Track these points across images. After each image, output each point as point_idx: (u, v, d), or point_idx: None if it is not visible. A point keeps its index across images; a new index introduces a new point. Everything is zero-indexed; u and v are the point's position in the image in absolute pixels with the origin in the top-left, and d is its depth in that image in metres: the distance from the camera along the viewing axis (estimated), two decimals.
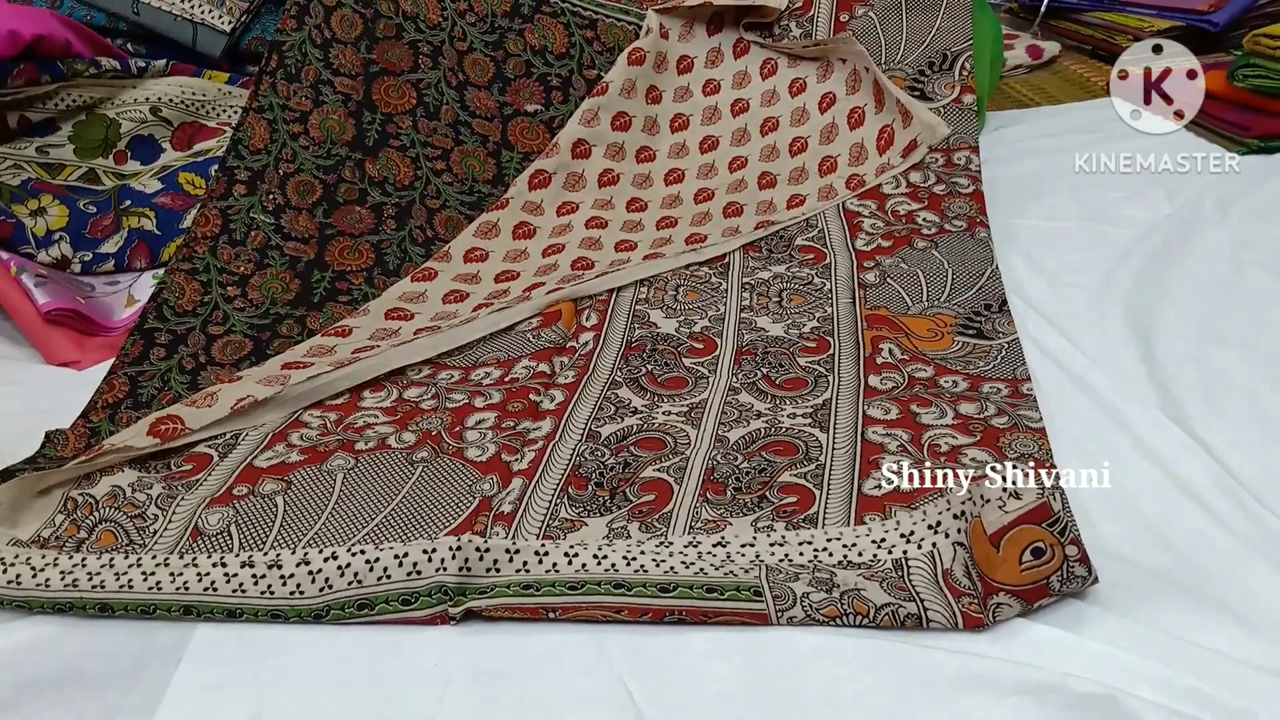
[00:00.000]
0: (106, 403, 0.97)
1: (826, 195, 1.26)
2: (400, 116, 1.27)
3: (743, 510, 0.79)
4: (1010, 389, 0.91)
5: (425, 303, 1.12)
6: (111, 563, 0.77)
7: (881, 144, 1.29)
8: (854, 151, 1.30)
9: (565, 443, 0.87)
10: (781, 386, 0.94)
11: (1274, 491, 0.80)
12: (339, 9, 1.26)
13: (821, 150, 1.33)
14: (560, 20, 1.36)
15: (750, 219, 1.25)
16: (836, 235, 1.18)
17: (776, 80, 1.40)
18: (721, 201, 1.30)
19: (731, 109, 1.40)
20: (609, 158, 1.33)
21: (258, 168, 1.17)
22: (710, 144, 1.38)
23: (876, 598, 0.69)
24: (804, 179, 1.30)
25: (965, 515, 0.72)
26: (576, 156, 1.31)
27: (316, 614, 0.73)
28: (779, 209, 1.26)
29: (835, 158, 1.31)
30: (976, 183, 1.23)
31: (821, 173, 1.31)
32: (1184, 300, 1.06)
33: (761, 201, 1.28)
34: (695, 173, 1.35)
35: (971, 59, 1.35)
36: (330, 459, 0.87)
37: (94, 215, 1.20)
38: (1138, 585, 0.71)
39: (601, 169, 1.32)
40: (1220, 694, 0.62)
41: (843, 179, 1.28)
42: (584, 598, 0.71)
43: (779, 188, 1.31)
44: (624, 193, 1.32)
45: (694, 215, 1.27)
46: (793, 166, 1.33)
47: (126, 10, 1.47)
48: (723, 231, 1.22)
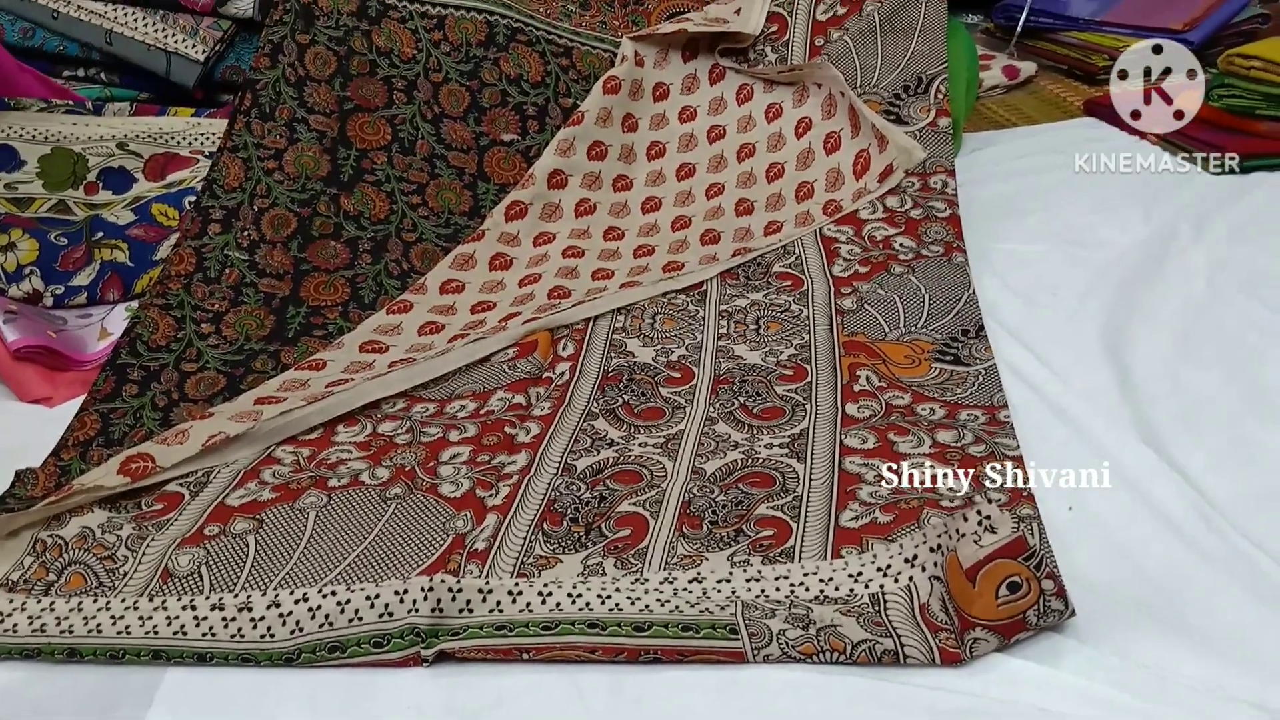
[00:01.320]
0: (78, 440, 0.95)
1: (803, 222, 1.26)
2: (375, 152, 1.26)
3: (719, 545, 0.78)
4: (987, 416, 0.91)
5: (400, 335, 1.11)
6: (80, 606, 0.76)
7: (858, 169, 1.29)
8: (830, 177, 1.30)
9: (540, 477, 0.87)
10: (759, 416, 0.94)
11: (1250, 518, 0.80)
12: (313, 46, 1.26)
13: (798, 176, 1.33)
14: (535, 49, 1.36)
15: (728, 246, 1.25)
16: (814, 261, 1.18)
17: (753, 105, 1.40)
18: (699, 229, 1.29)
19: (708, 135, 1.40)
20: (585, 187, 1.33)
21: (232, 205, 1.16)
22: (687, 171, 1.38)
23: (853, 634, 0.68)
24: (781, 205, 1.30)
25: (942, 549, 0.72)
26: (553, 187, 1.31)
27: (288, 657, 0.72)
28: (756, 235, 1.26)
29: (812, 183, 1.31)
30: (953, 206, 1.23)
31: (798, 199, 1.31)
32: (1160, 322, 1.06)
33: (739, 229, 1.28)
34: (673, 200, 1.35)
35: (946, 82, 1.36)
36: (303, 496, 0.86)
37: (65, 247, 1.19)
38: (1114, 615, 0.71)
39: (578, 199, 1.32)
40: None
41: (819, 205, 1.28)
42: (558, 638, 0.70)
43: (756, 214, 1.31)
44: (601, 222, 1.31)
45: (671, 243, 1.27)
46: (770, 193, 1.33)
47: (100, 41, 1.47)
48: (700, 259, 1.22)
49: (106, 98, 1.48)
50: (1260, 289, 1.11)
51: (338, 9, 1.28)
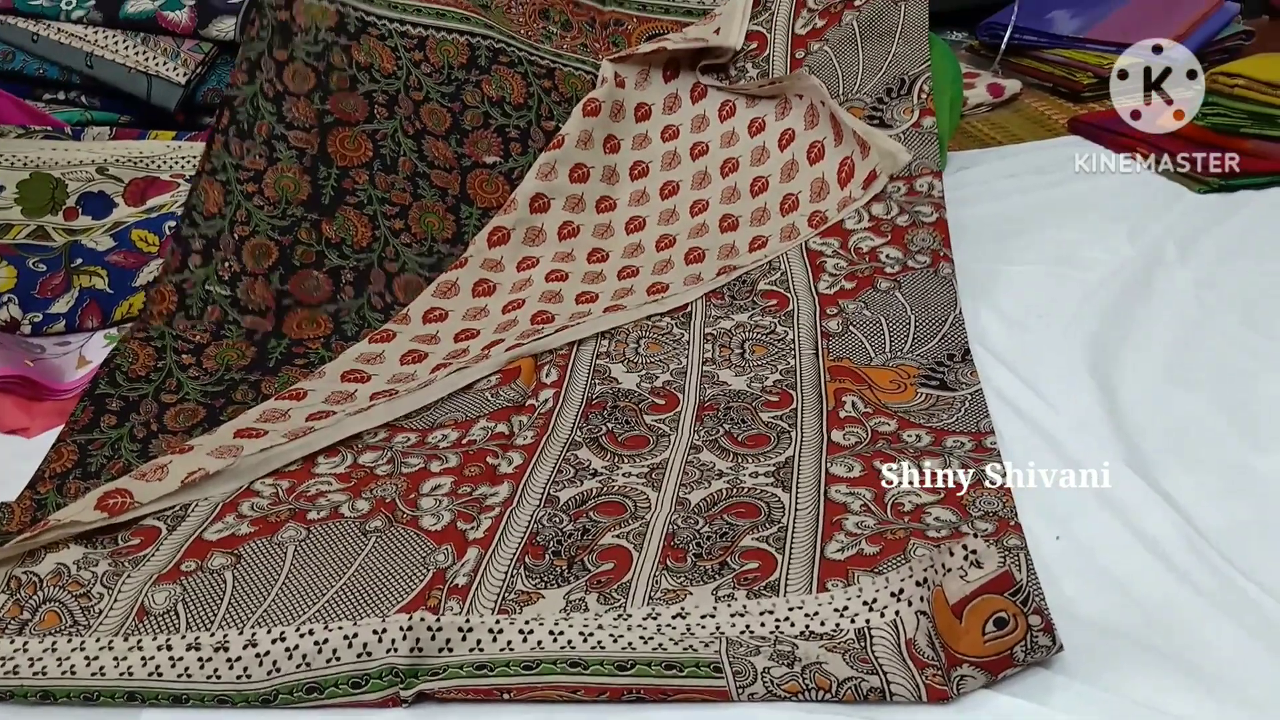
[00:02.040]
0: (54, 472, 0.94)
1: (789, 235, 1.25)
2: (357, 170, 1.25)
3: (703, 578, 0.77)
4: (974, 442, 0.90)
5: (382, 364, 1.10)
6: (54, 647, 0.75)
7: (842, 176, 1.28)
8: (815, 187, 1.29)
9: (523, 509, 0.86)
10: (744, 444, 0.93)
11: (1240, 547, 0.79)
12: (291, 63, 1.24)
13: (783, 189, 1.32)
14: (518, 70, 1.35)
15: (712, 265, 1.24)
16: (799, 278, 1.17)
17: (735, 121, 1.40)
18: (684, 248, 1.28)
19: (691, 153, 1.39)
20: (568, 210, 1.32)
21: (212, 234, 1.15)
22: (671, 189, 1.37)
23: (839, 671, 0.67)
24: (766, 219, 1.30)
25: (928, 583, 0.71)
26: (535, 211, 1.30)
27: (265, 699, 0.70)
28: (741, 252, 1.26)
29: (796, 195, 1.30)
30: (940, 210, 1.22)
31: (783, 211, 1.30)
32: (1147, 344, 1.06)
33: (724, 245, 1.27)
34: (657, 219, 1.34)
35: (929, 81, 1.35)
36: (281, 530, 0.85)
37: (44, 274, 1.18)
38: (1103, 649, 0.70)
39: (561, 221, 1.31)
40: None
41: (804, 217, 1.27)
42: (539, 678, 0.69)
43: (741, 230, 1.30)
44: (585, 244, 1.30)
45: (656, 264, 1.26)
46: (754, 207, 1.32)
47: (80, 64, 1.46)
48: (684, 280, 1.21)
49: (87, 121, 1.47)
50: (1248, 310, 1.10)
51: (315, 25, 1.26)
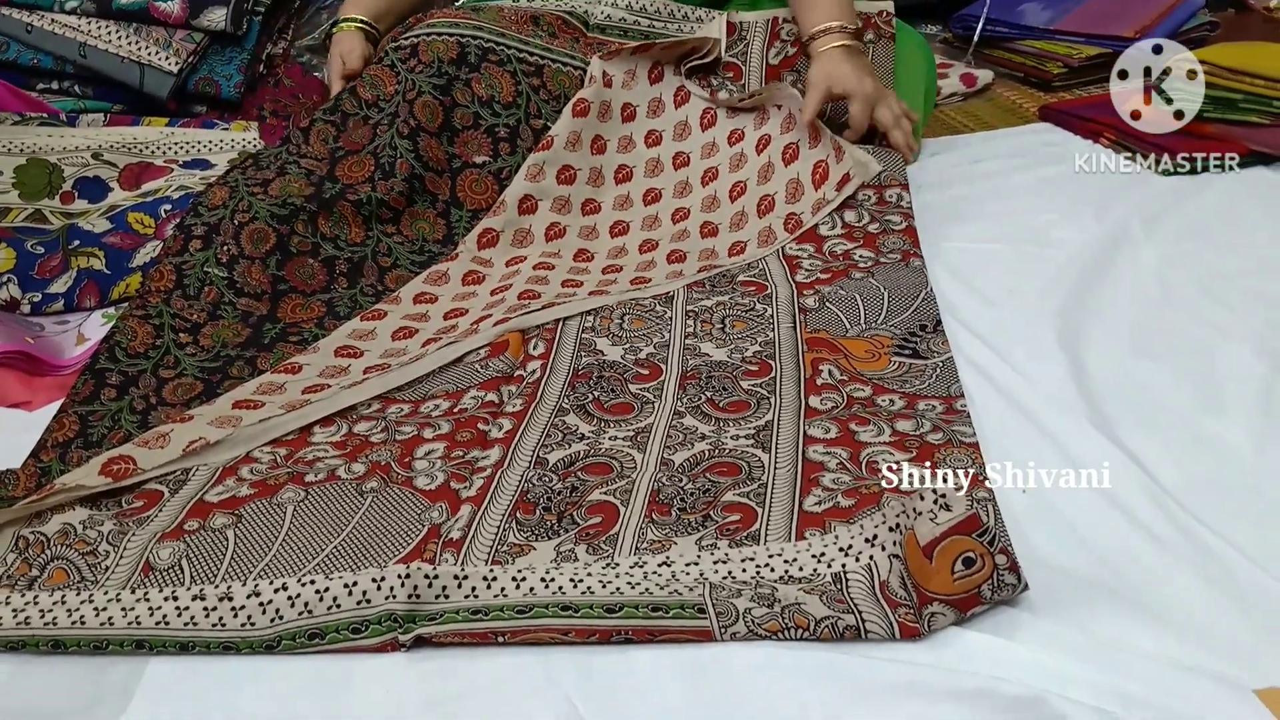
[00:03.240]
0: (57, 441, 0.97)
1: (766, 240, 1.29)
2: (360, 185, 1.29)
3: (687, 530, 0.81)
4: (945, 406, 0.94)
5: (375, 340, 1.13)
6: (64, 600, 0.78)
7: (816, 178, 1.32)
8: (790, 188, 1.33)
9: (513, 470, 0.89)
10: (725, 409, 0.96)
11: (1200, 500, 0.82)
12: (314, 125, 1.33)
13: (759, 190, 1.36)
14: (507, 69, 1.38)
15: (694, 264, 1.28)
16: (777, 272, 1.21)
17: (715, 131, 1.43)
18: (665, 249, 1.32)
19: (673, 162, 1.43)
20: (555, 211, 1.35)
21: (214, 221, 1.18)
22: (654, 196, 1.40)
23: (816, 611, 0.71)
24: (744, 223, 1.33)
25: (900, 528, 0.74)
26: (524, 212, 1.33)
27: (268, 645, 0.73)
28: (720, 256, 1.29)
29: (772, 196, 1.34)
30: (909, 219, 1.26)
31: (760, 213, 1.33)
32: (1113, 318, 1.10)
33: (704, 249, 1.31)
34: (639, 224, 1.37)
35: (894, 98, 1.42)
36: (280, 491, 0.88)
37: (41, 256, 1.21)
38: (1068, 592, 0.74)
39: (548, 223, 1.34)
40: (1146, 692, 0.64)
41: (780, 219, 1.31)
42: (532, 621, 0.72)
43: (720, 236, 1.34)
44: (571, 245, 1.34)
45: (639, 264, 1.30)
46: (733, 212, 1.36)
47: (73, 54, 1.49)
48: (667, 275, 1.25)
49: (80, 110, 1.50)
50: (1210, 285, 1.14)
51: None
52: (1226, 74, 1.45)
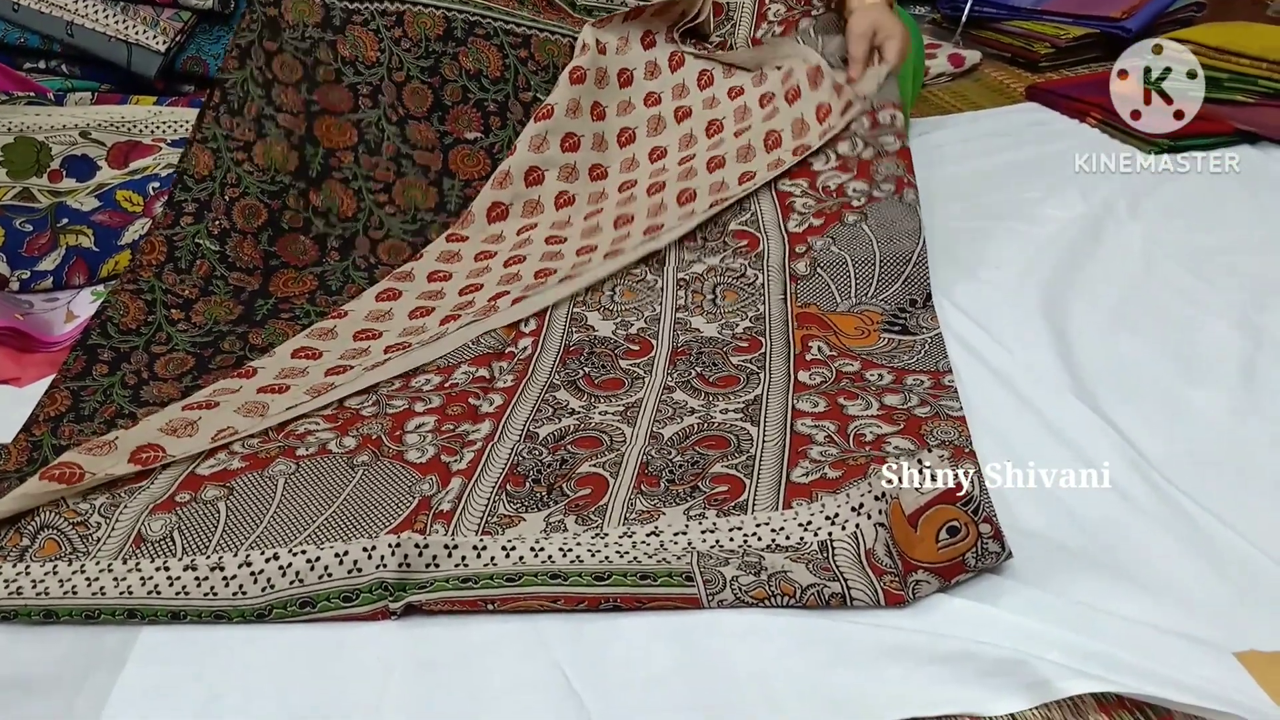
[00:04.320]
0: (49, 416, 0.97)
1: (775, 166, 1.29)
2: (342, 151, 1.28)
3: (675, 500, 0.82)
4: (932, 381, 0.95)
5: (392, 320, 1.13)
6: (55, 570, 0.78)
7: (820, 115, 1.32)
8: (796, 126, 1.33)
9: (504, 443, 0.90)
10: (715, 384, 0.97)
11: (1180, 470, 0.84)
12: (280, 54, 1.28)
13: (765, 126, 1.35)
14: (493, 42, 1.38)
15: (704, 199, 1.27)
16: (769, 217, 1.21)
17: (715, 89, 1.43)
18: (674, 190, 1.31)
19: (675, 116, 1.42)
20: (563, 180, 1.34)
21: (204, 197, 1.18)
22: (659, 153, 1.39)
23: (802, 579, 0.71)
24: (751, 156, 1.33)
25: (886, 497, 0.75)
26: (530, 184, 1.32)
27: (259, 613, 0.74)
28: (731, 187, 1.29)
29: (779, 133, 1.33)
30: (902, 139, 1.26)
31: (768, 148, 1.33)
32: (1097, 293, 1.11)
33: (713, 183, 1.31)
34: (647, 183, 1.37)
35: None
36: (272, 465, 0.89)
37: (30, 234, 1.21)
38: (1051, 560, 0.75)
39: (557, 191, 1.33)
40: (1125, 656, 0.65)
41: (789, 150, 1.31)
42: (522, 589, 0.73)
43: (729, 167, 1.33)
44: (580, 211, 1.33)
45: (649, 207, 1.29)
46: (739, 145, 1.35)
47: (60, 33, 1.48)
48: (679, 217, 1.24)
49: (68, 89, 1.49)
50: (1193, 262, 1.16)
51: (303, 21, 1.29)
52: (1212, 53, 1.46)
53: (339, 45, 1.31)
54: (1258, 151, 1.42)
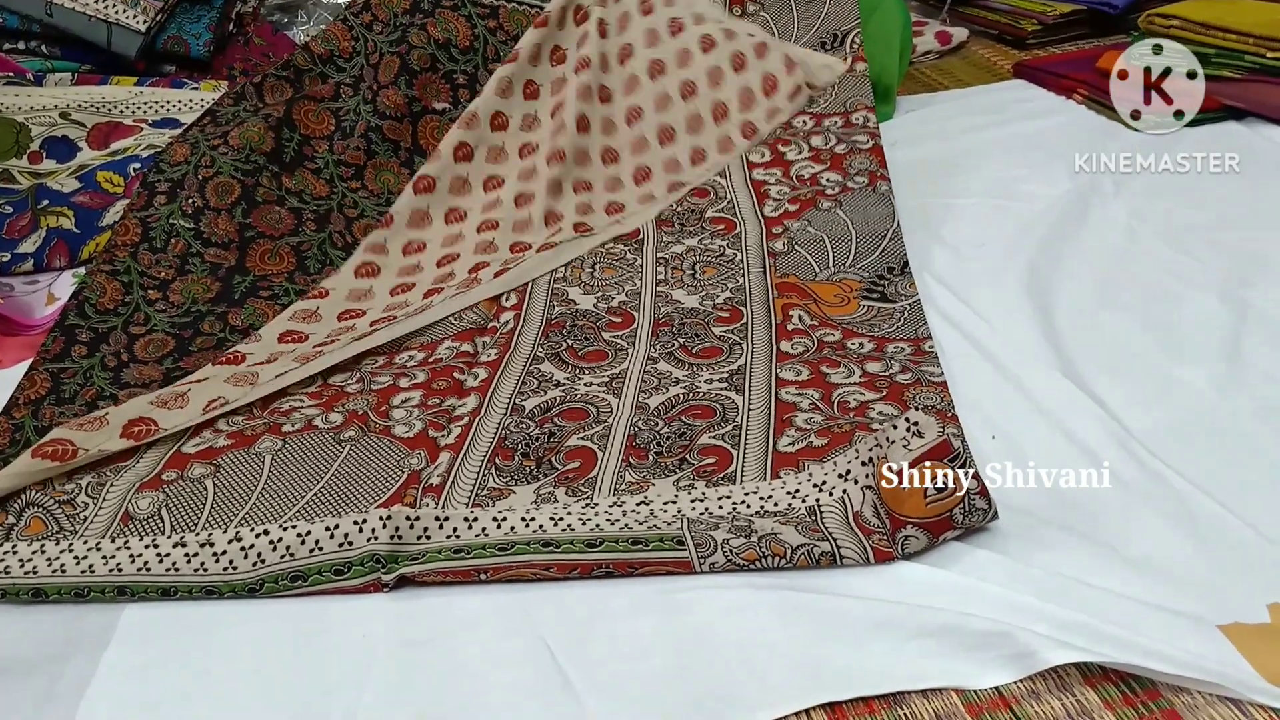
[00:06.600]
0: (29, 399, 0.96)
1: (726, 148, 1.29)
2: (317, 140, 1.28)
3: (664, 472, 0.82)
4: (913, 347, 0.95)
5: (374, 299, 1.13)
6: (43, 549, 0.78)
7: (767, 88, 1.32)
8: (742, 97, 1.33)
9: (490, 417, 0.90)
10: (698, 355, 0.97)
11: (1163, 443, 0.84)
12: (266, 80, 1.31)
13: (711, 94, 1.35)
14: (461, 13, 1.37)
15: (660, 181, 1.28)
16: (745, 204, 1.22)
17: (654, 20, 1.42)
18: (630, 164, 1.32)
19: (618, 57, 1.40)
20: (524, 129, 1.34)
21: (178, 177, 1.17)
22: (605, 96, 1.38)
23: (792, 540, 0.72)
24: (701, 128, 1.33)
25: (873, 461, 0.75)
26: (495, 129, 1.32)
27: (250, 588, 0.74)
28: (685, 167, 1.29)
29: (725, 103, 1.34)
30: (875, 138, 1.28)
31: (716, 120, 1.33)
32: (1081, 269, 1.11)
33: (667, 160, 1.31)
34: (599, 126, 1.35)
35: (860, 34, 1.42)
36: (258, 442, 0.89)
37: (10, 215, 1.20)
38: (1035, 534, 0.75)
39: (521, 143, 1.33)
40: (1107, 627, 0.65)
41: (736, 127, 1.31)
42: (514, 558, 0.73)
43: (679, 141, 1.33)
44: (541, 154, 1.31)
45: (606, 180, 1.29)
46: (688, 113, 1.35)
47: (39, 12, 1.47)
48: (638, 199, 1.24)
49: (48, 69, 1.48)
50: (1176, 238, 1.16)
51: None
52: (1199, 29, 1.46)
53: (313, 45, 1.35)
54: (1244, 127, 1.42)
